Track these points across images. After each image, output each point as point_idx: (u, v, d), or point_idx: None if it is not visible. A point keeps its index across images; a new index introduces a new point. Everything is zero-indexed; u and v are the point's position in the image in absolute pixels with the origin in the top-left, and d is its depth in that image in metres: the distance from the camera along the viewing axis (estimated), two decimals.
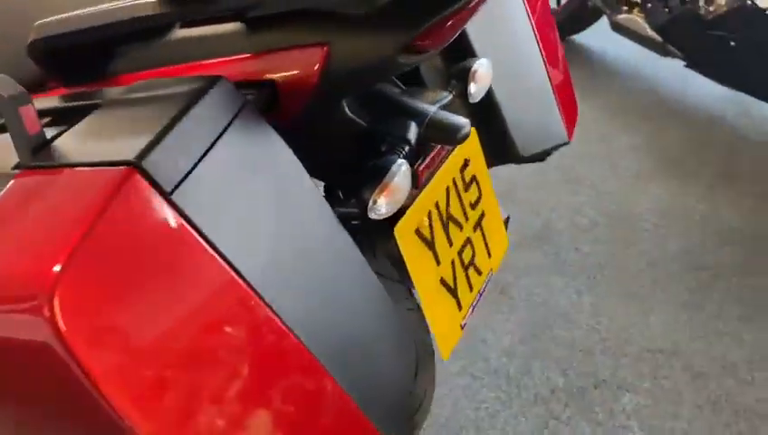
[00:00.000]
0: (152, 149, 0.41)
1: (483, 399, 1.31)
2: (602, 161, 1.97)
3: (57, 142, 0.46)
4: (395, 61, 0.56)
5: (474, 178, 0.78)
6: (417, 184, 0.69)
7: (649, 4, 2.09)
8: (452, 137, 0.66)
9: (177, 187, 0.41)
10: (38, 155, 0.45)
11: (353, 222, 0.66)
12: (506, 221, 0.99)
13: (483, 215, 0.80)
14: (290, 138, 0.56)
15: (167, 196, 0.41)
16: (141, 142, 0.42)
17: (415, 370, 0.89)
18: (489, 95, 0.82)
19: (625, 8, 2.23)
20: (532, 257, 1.63)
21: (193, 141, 0.44)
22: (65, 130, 0.48)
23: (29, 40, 0.56)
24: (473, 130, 0.78)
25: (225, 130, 0.47)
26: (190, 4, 0.49)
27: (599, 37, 2.60)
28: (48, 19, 0.55)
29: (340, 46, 0.56)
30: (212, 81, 0.49)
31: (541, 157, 0.95)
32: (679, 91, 2.32)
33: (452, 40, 0.62)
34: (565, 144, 0.95)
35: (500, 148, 0.86)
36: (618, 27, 2.28)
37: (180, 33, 0.61)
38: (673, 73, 2.36)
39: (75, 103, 0.54)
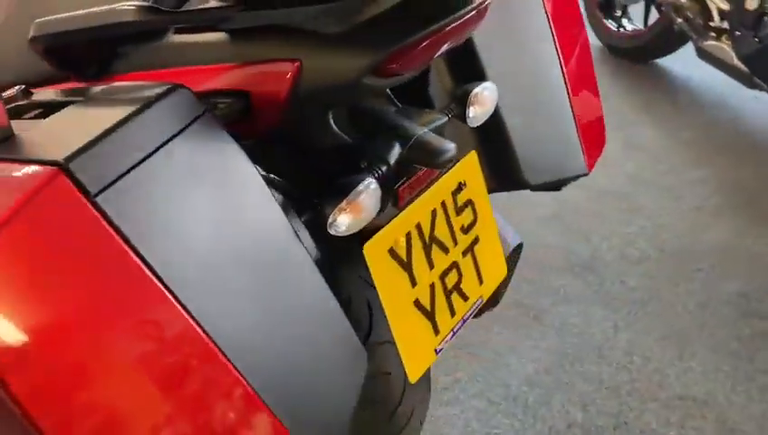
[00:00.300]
0: (84, 151, 0.43)
1: (495, 425, 1.28)
2: (666, 192, 1.88)
3: (20, 136, 0.49)
4: (361, 82, 0.56)
5: (469, 202, 0.77)
6: (398, 204, 0.69)
7: (738, 33, 1.97)
8: (434, 160, 0.66)
9: (104, 190, 0.43)
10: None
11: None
12: (518, 248, 0.97)
13: (476, 240, 0.78)
14: (268, 148, 0.57)
15: (91, 198, 0.43)
16: (77, 143, 0.44)
17: (402, 388, 0.88)
18: (497, 119, 0.81)
19: (712, 35, 2.11)
20: (574, 285, 1.57)
21: (132, 146, 0.46)
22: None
23: (29, 36, 0.59)
24: (472, 153, 0.77)
25: (174, 136, 0.49)
26: (161, 15, 0.51)
27: (684, 63, 2.47)
28: (47, 18, 0.58)
29: (311, 64, 0.56)
30: (170, 88, 0.51)
31: (555, 186, 0.92)
32: (763, 125, 2.18)
33: (426, 65, 0.61)
34: (583, 175, 0.91)
35: (505, 173, 0.84)
36: (703, 54, 2.16)
37: (174, 38, 0.63)
38: (759, 106, 2.22)
39: (58, 99, 0.58)
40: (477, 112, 0.74)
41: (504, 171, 0.84)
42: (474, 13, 0.60)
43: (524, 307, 1.52)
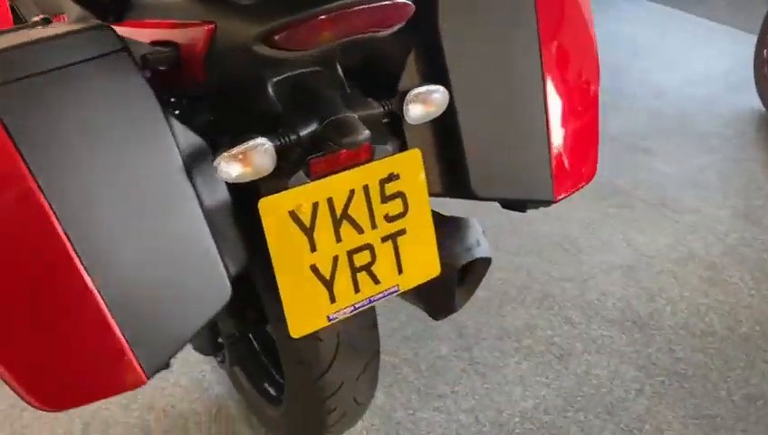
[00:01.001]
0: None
1: None
2: (764, 274, 1.69)
3: None
4: (252, 49, 0.64)
5: (400, 195, 0.81)
6: (310, 175, 0.76)
7: None
8: (341, 140, 0.71)
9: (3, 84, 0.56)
10: None
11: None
12: (484, 262, 0.97)
13: (403, 232, 0.82)
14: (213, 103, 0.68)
15: None
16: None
17: (332, 356, 0.94)
18: (454, 123, 0.84)
19: None
20: (616, 339, 1.49)
21: (38, 61, 0.59)
22: None
23: None
24: (415, 151, 0.81)
25: (81, 61, 0.61)
26: None
27: None
28: None
29: (221, 27, 0.66)
30: (94, 26, 0.63)
31: (515, 206, 0.92)
32: None
33: (324, 47, 0.67)
34: (547, 203, 0.90)
35: (453, 179, 0.86)
36: None
37: None
38: None
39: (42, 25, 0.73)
40: (419, 112, 0.78)
41: (452, 177, 0.87)
42: (373, 9, 0.65)
43: (554, 346, 1.48)
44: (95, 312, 0.61)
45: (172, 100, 0.77)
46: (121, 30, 0.86)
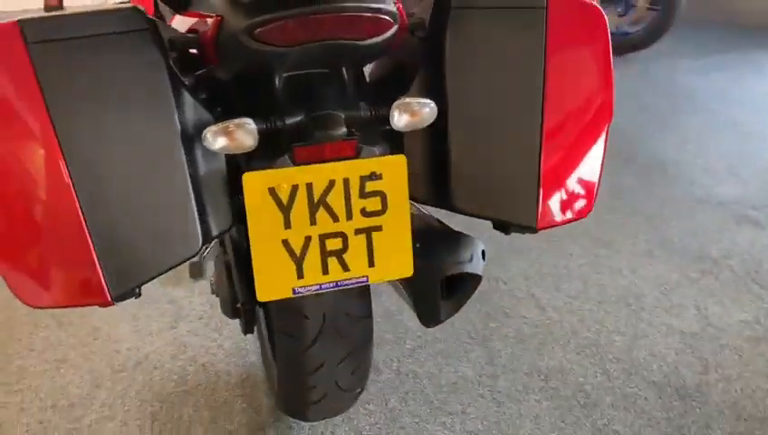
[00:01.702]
0: (37, 20, 0.72)
1: None
2: None
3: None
4: (242, 42, 0.74)
5: (380, 193, 0.87)
6: (294, 160, 0.85)
7: None
8: (314, 131, 0.80)
9: (35, 43, 0.71)
10: None
11: None
12: (473, 279, 1.01)
13: (378, 228, 0.88)
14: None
15: (26, 44, 0.71)
16: (42, 17, 0.73)
17: (316, 333, 1.02)
18: (445, 136, 0.89)
19: None
20: (651, 401, 1.41)
21: (72, 28, 0.73)
22: None
23: None
24: (401, 157, 0.87)
25: (110, 34, 0.75)
26: None
27: None
28: None
29: (225, 19, 0.77)
30: (129, 7, 0.77)
31: (498, 225, 0.94)
32: None
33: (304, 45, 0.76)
34: (530, 230, 0.91)
35: (436, 187, 0.91)
36: None
37: None
38: None
39: None
40: (404, 121, 0.84)
41: (437, 186, 0.91)
42: (342, 17, 0.73)
43: (581, 393, 1.43)
44: (78, 233, 0.74)
45: (196, 76, 0.90)
46: (178, 18, 1.01)
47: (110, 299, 0.76)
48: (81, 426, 1.36)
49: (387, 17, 0.78)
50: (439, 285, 1.00)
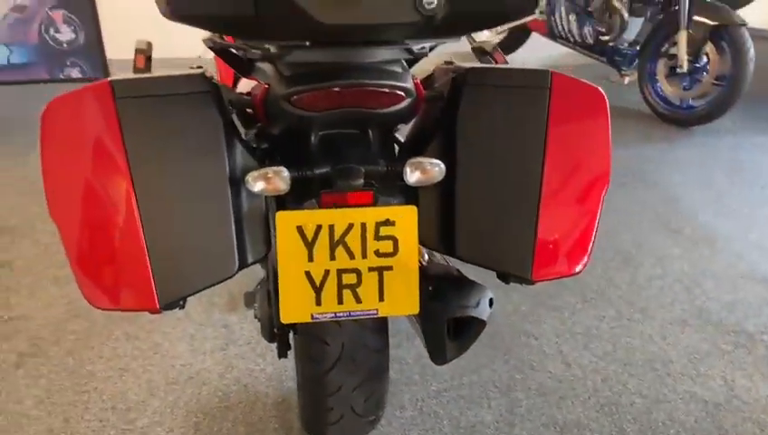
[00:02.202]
0: (124, 80, 0.90)
1: None
2: None
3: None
4: (280, 107, 0.90)
5: (392, 238, 0.99)
6: (320, 204, 0.99)
7: None
8: (336, 181, 0.94)
9: (121, 98, 0.89)
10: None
11: None
12: (478, 324, 1.11)
13: (389, 268, 1.01)
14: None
15: (113, 99, 0.89)
16: (130, 78, 0.91)
17: (335, 359, 1.14)
18: (453, 191, 1.01)
19: None
20: None
21: (149, 88, 0.91)
22: None
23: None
24: (413, 208, 1.00)
25: (182, 94, 0.92)
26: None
27: None
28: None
29: (272, 87, 0.94)
30: (197, 74, 0.94)
31: (499, 275, 1.04)
32: None
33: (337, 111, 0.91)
34: (527, 281, 1.01)
35: (443, 236, 1.02)
36: None
37: (258, 64, 1.08)
38: None
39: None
40: (415, 177, 0.97)
41: (444, 235, 1.03)
42: (362, 91, 0.87)
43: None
44: (138, 252, 0.90)
45: (251, 129, 1.07)
46: (243, 81, 1.20)
47: (158, 307, 0.92)
48: (134, 428, 1.52)
49: (401, 92, 0.93)
50: (445, 326, 1.11)
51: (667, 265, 2.22)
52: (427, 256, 1.32)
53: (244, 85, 1.21)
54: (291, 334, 1.30)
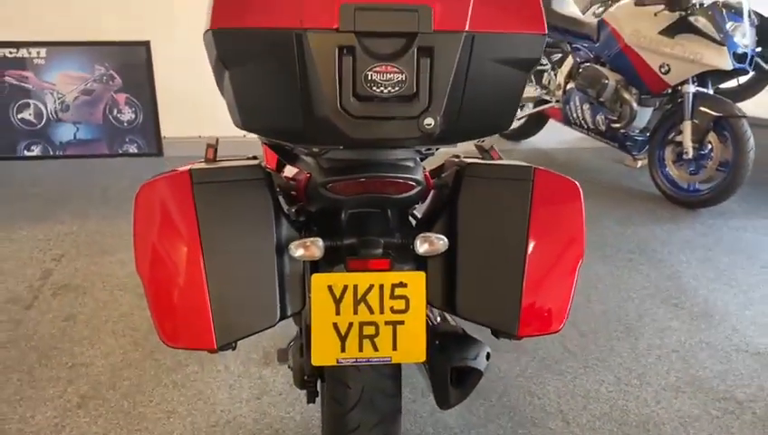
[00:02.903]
0: (200, 169, 1.16)
1: None
2: None
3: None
4: (318, 192, 1.15)
5: (404, 297, 1.21)
6: (347, 268, 1.22)
7: None
8: (359, 250, 1.18)
9: (197, 183, 1.15)
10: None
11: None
12: (475, 374, 1.30)
13: (402, 322, 1.22)
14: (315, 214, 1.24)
15: (192, 184, 1.15)
16: (205, 168, 1.18)
17: (356, 400, 1.34)
18: (455, 261, 1.23)
19: None
20: None
21: (219, 175, 1.17)
22: None
23: None
24: (421, 274, 1.22)
25: (242, 180, 1.18)
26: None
27: None
28: None
29: (312, 177, 1.19)
30: (256, 165, 1.20)
31: (493, 332, 1.24)
32: None
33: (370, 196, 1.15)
34: (514, 337, 1.21)
35: (447, 297, 1.24)
36: None
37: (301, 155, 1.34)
38: None
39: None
40: (424, 248, 1.19)
41: (447, 296, 1.24)
42: (378, 181, 1.12)
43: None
44: (202, 300, 1.13)
45: (295, 207, 1.32)
46: (288, 167, 1.45)
47: (215, 347, 1.14)
48: None
49: (412, 182, 1.17)
50: (449, 374, 1.31)
51: (665, 337, 2.38)
52: (439, 317, 1.53)
53: (288, 170, 1.47)
54: (318, 382, 1.51)
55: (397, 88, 0.97)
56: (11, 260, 2.84)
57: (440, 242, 1.20)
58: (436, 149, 1.31)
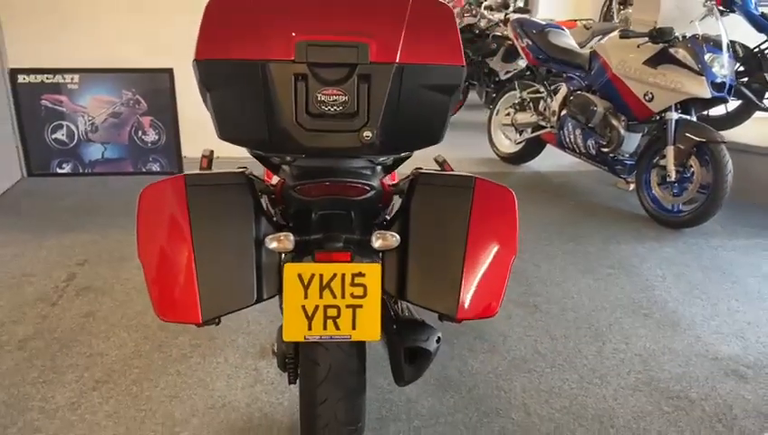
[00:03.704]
0: (193, 175, 1.39)
1: None
2: None
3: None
4: (290, 193, 1.37)
5: (362, 285, 1.41)
6: (314, 259, 1.43)
7: None
8: (325, 244, 1.39)
9: (190, 186, 1.37)
10: None
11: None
12: (426, 355, 1.50)
13: (360, 307, 1.42)
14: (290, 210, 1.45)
15: (186, 187, 1.37)
16: (197, 173, 1.40)
17: (324, 376, 1.54)
18: (406, 254, 1.43)
19: None
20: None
21: (207, 180, 1.39)
22: None
23: None
24: (377, 265, 1.42)
25: (227, 184, 1.40)
26: None
27: None
28: None
29: (286, 181, 1.41)
30: (241, 171, 1.42)
31: (439, 317, 1.43)
32: None
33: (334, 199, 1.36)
34: (453, 319, 1.40)
35: (399, 285, 1.43)
36: None
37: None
38: None
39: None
40: (379, 244, 1.38)
41: (399, 284, 1.44)
42: (336, 185, 1.33)
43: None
44: (191, 282, 1.34)
45: (274, 208, 1.54)
46: (274, 177, 1.67)
47: (200, 321, 1.35)
48: None
49: (365, 187, 1.38)
50: (402, 353, 1.51)
51: (631, 342, 2.54)
52: (405, 310, 1.73)
53: (274, 179, 1.69)
54: (297, 365, 1.70)
55: (341, 107, 1.19)
56: (41, 264, 3.09)
57: (393, 238, 1.40)
58: (394, 160, 1.51)
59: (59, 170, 4.54)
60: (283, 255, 1.45)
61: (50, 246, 3.31)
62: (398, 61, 1.19)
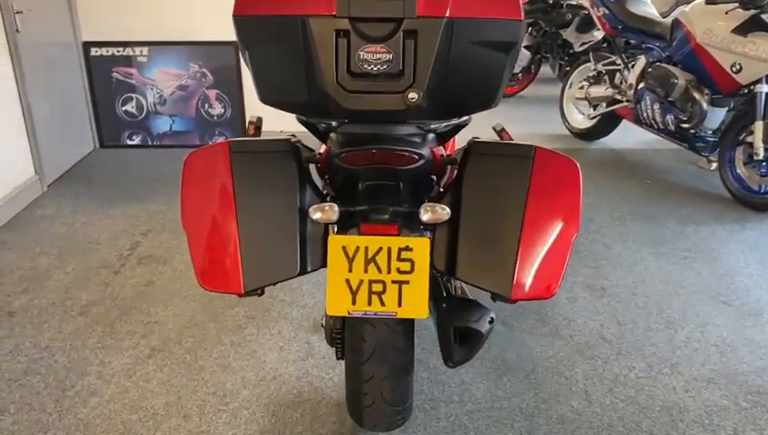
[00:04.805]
0: (240, 142, 1.34)
1: None
2: None
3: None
4: (335, 162, 1.30)
5: (409, 260, 1.33)
6: (359, 232, 1.36)
7: None
8: (371, 216, 1.31)
9: (235, 152, 1.32)
10: None
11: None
12: (479, 336, 1.41)
13: (407, 282, 1.34)
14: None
15: (230, 153, 1.32)
16: (242, 139, 1.35)
17: (370, 353, 1.48)
18: (457, 229, 1.34)
19: None
20: None
21: (252, 146, 1.34)
22: None
23: None
24: (426, 239, 1.34)
25: (272, 151, 1.34)
26: None
27: None
28: None
29: (331, 149, 1.34)
30: (287, 138, 1.36)
31: (489, 293, 1.33)
32: None
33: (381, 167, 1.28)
34: (503, 298, 1.30)
35: (448, 261, 1.34)
36: None
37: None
38: None
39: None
40: (428, 217, 1.30)
41: (449, 261, 1.35)
42: (381, 152, 1.24)
43: None
44: (234, 251, 1.30)
45: (321, 177, 1.48)
46: (322, 145, 1.61)
47: (242, 291, 1.31)
48: (226, 409, 1.92)
49: (415, 155, 1.29)
50: (452, 332, 1.43)
51: (707, 331, 2.35)
52: (456, 285, 1.64)
53: (322, 147, 1.63)
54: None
55: (385, 66, 1.10)
56: (106, 232, 3.18)
57: (443, 211, 1.32)
58: (446, 127, 1.42)
59: (129, 142, 4.66)
60: (331, 226, 1.40)
61: (116, 215, 3.39)
62: (447, 14, 1.09)
